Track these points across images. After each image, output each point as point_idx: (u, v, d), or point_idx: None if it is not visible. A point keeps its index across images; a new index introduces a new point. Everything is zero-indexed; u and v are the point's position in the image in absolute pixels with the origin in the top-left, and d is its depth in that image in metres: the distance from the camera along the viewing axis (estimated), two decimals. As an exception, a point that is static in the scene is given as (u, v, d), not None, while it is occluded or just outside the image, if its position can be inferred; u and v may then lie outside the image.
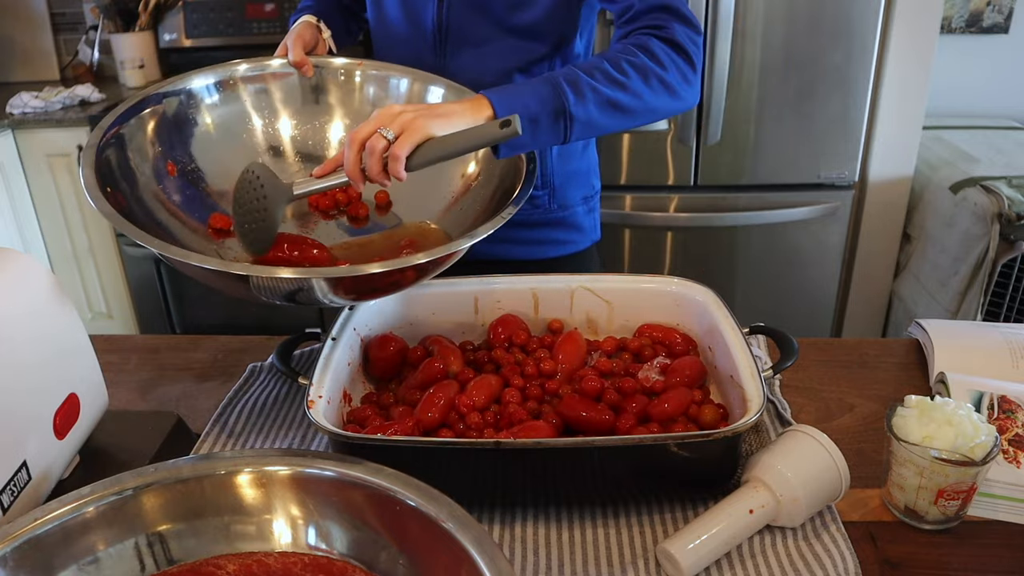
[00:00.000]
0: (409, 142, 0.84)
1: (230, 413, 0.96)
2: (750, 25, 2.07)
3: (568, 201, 1.24)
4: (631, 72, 0.95)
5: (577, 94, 0.92)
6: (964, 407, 0.76)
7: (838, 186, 2.24)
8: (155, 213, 0.96)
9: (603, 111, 0.94)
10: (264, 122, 1.12)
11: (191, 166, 1.04)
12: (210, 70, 1.09)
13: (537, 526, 0.78)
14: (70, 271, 2.55)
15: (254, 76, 1.12)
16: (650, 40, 0.97)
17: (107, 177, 0.90)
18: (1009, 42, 2.58)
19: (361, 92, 1.15)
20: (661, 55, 0.97)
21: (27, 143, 2.41)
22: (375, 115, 0.87)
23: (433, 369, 0.90)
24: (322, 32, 1.17)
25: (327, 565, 0.62)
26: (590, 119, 0.93)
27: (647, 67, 0.96)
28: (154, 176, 0.99)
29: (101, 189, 0.86)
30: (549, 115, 0.91)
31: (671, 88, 0.97)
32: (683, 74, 0.98)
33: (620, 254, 2.36)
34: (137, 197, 0.95)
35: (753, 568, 0.72)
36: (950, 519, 0.76)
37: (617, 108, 0.95)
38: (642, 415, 0.83)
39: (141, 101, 1.01)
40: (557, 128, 0.92)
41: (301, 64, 1.12)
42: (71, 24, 2.89)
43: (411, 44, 1.15)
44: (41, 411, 0.73)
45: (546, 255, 1.25)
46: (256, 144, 1.11)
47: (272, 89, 1.13)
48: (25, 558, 0.58)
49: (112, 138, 0.95)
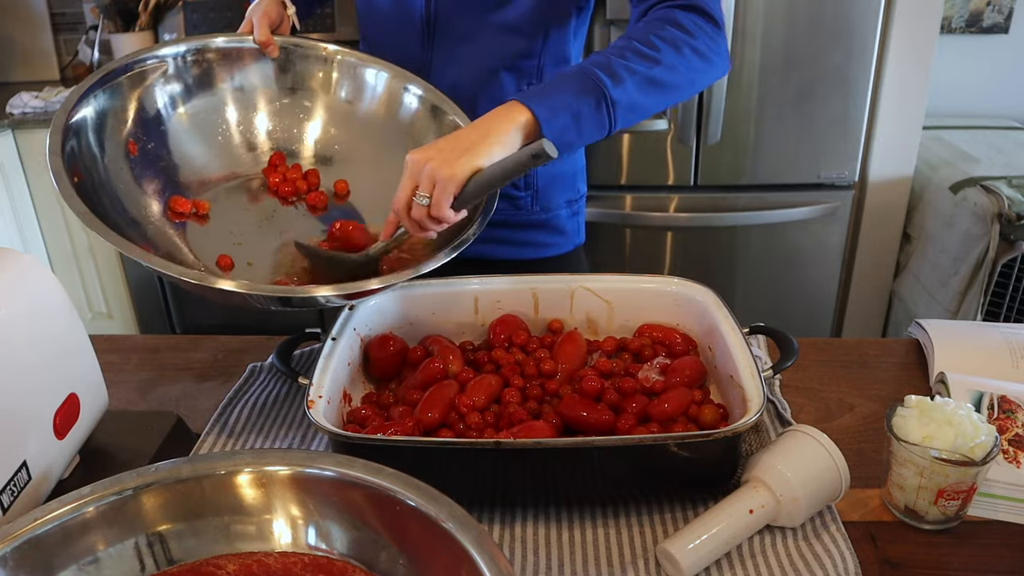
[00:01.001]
0: (445, 199, 0.84)
1: (230, 413, 0.96)
2: (750, 25, 2.06)
3: (551, 204, 1.23)
4: (662, 46, 0.92)
5: (613, 78, 0.90)
6: (964, 407, 0.76)
7: (838, 186, 2.24)
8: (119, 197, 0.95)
9: (642, 90, 0.91)
10: (236, 106, 1.12)
11: (152, 145, 1.03)
12: (182, 41, 1.07)
13: (537, 526, 0.78)
14: (70, 271, 2.55)
15: (225, 50, 1.10)
16: (673, 11, 0.96)
17: (71, 161, 0.90)
18: (1009, 42, 2.58)
19: (337, 84, 1.15)
20: (687, 23, 0.95)
21: (27, 143, 2.40)
22: (405, 173, 0.86)
23: (433, 369, 0.90)
24: (287, 7, 1.15)
25: (327, 565, 0.62)
26: (632, 101, 0.91)
27: (677, 38, 0.93)
28: (122, 157, 0.99)
29: (68, 174, 0.85)
30: (590, 106, 0.89)
31: (703, 55, 0.95)
32: (712, 38, 0.96)
33: (620, 254, 2.36)
34: (99, 180, 0.94)
35: (753, 568, 0.72)
36: (950, 519, 0.76)
37: (655, 84, 0.92)
38: (642, 415, 0.83)
39: (102, 77, 0.99)
40: (600, 117, 0.90)
41: (267, 43, 1.10)
42: (71, 24, 2.89)
43: (399, 34, 1.14)
44: (41, 411, 0.72)
45: (527, 256, 1.25)
46: (229, 130, 1.11)
47: (244, 69, 1.12)
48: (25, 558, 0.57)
49: (76, 116, 0.94)
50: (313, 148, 1.14)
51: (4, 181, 2.38)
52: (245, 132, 1.12)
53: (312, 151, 1.14)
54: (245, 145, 1.12)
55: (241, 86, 1.12)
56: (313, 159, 1.13)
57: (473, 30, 1.10)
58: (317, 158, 1.13)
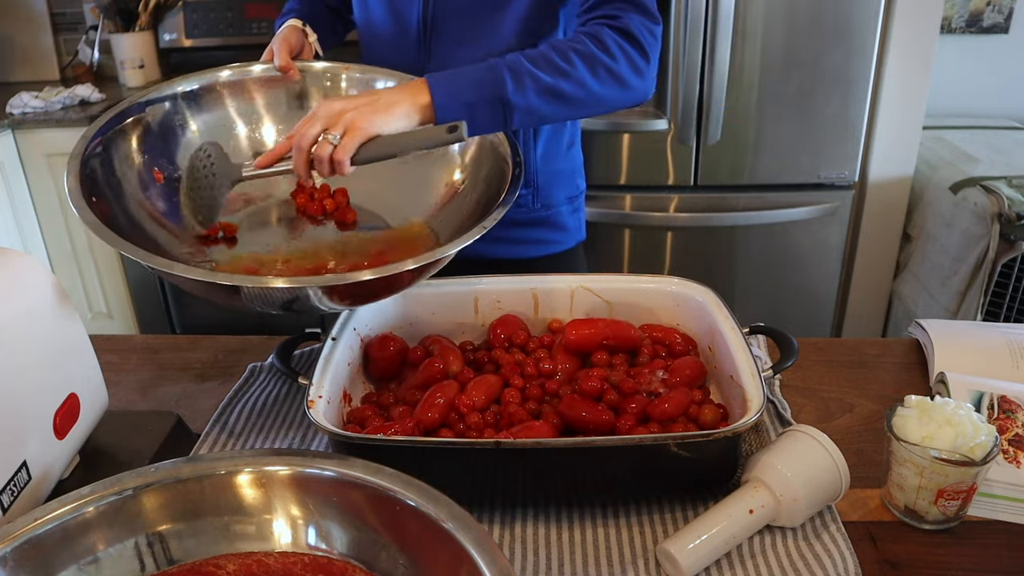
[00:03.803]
0: (353, 145, 0.87)
1: (230, 413, 0.96)
2: (750, 25, 2.06)
3: (552, 201, 1.24)
4: (576, 61, 0.95)
5: (516, 82, 0.92)
6: (964, 407, 0.76)
7: (838, 186, 2.24)
8: (141, 222, 0.96)
9: (544, 99, 0.94)
10: (249, 129, 1.13)
11: (177, 174, 1.04)
12: (194, 76, 1.10)
13: (537, 526, 0.78)
14: (70, 271, 2.55)
15: (238, 82, 1.12)
16: (602, 29, 0.97)
17: (92, 187, 0.91)
18: (1009, 42, 2.58)
19: (345, 95, 1.16)
20: (611, 45, 0.96)
21: (27, 143, 2.40)
22: (319, 112, 0.89)
23: (433, 369, 0.90)
24: (308, 36, 1.17)
25: (327, 565, 0.62)
26: (530, 107, 0.94)
27: (594, 56, 0.96)
28: (139, 185, 1.00)
29: (86, 199, 0.87)
30: (487, 101, 0.92)
31: (619, 78, 0.97)
32: (634, 65, 0.98)
33: (620, 254, 2.36)
34: (123, 207, 0.96)
35: (753, 568, 0.72)
36: (950, 519, 0.76)
37: (559, 97, 0.95)
38: (642, 415, 0.83)
39: (124, 111, 1.02)
40: (496, 115, 0.93)
41: (287, 69, 1.13)
42: (71, 24, 2.88)
43: (396, 44, 1.16)
44: (41, 411, 0.72)
45: (530, 254, 1.25)
46: (241, 151, 1.12)
47: (257, 95, 1.13)
48: (25, 558, 0.57)
49: (97, 147, 0.96)
50: None
51: (4, 181, 2.38)
52: (256, 149, 1.12)
53: None
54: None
55: (253, 110, 1.13)
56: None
57: (466, 38, 1.11)
58: None
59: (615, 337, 0.93)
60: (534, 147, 1.18)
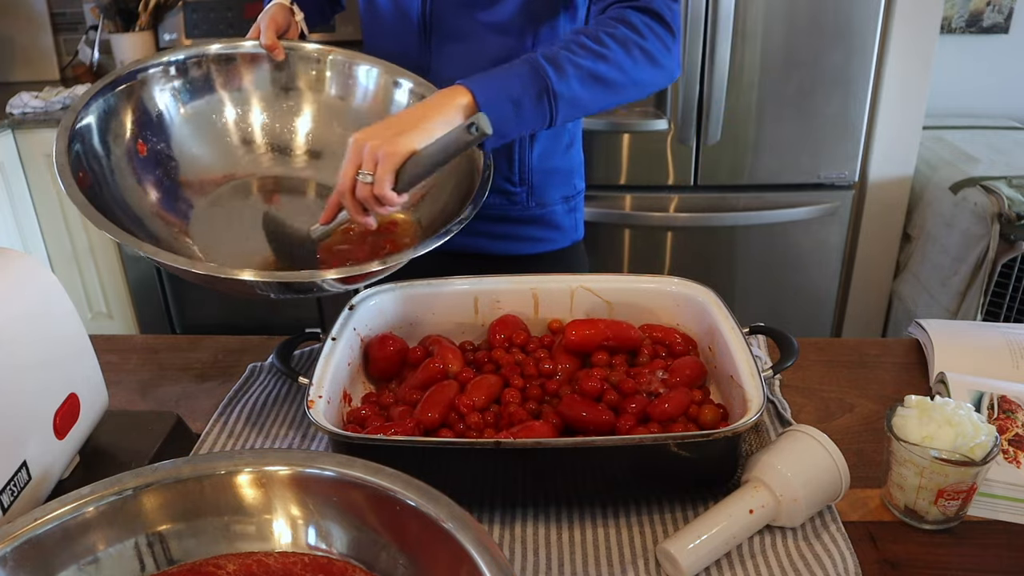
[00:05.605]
0: (387, 175, 0.85)
1: (230, 413, 0.96)
2: (750, 25, 2.07)
3: (547, 200, 1.24)
4: (611, 43, 0.93)
5: (558, 70, 0.91)
6: (964, 407, 0.76)
7: (838, 186, 2.24)
8: (132, 207, 0.98)
9: (586, 85, 0.93)
10: (234, 106, 1.14)
11: (160, 146, 1.06)
12: (181, 49, 1.10)
13: (537, 526, 0.78)
14: (70, 271, 2.55)
15: (225, 55, 1.13)
16: (626, 11, 0.97)
17: (78, 161, 0.92)
18: (1009, 42, 2.58)
19: (329, 81, 1.17)
20: (639, 24, 0.96)
21: (27, 143, 2.40)
22: (349, 152, 0.88)
23: (433, 369, 0.90)
24: (295, 15, 1.17)
25: (327, 565, 0.62)
26: (574, 95, 0.92)
27: (627, 37, 0.94)
28: (126, 157, 1.01)
29: (73, 174, 0.87)
30: (532, 96, 0.90)
31: (652, 57, 0.96)
32: (663, 42, 0.97)
33: (620, 254, 2.36)
34: (113, 194, 0.97)
35: (753, 568, 0.72)
36: (950, 519, 0.76)
37: (600, 81, 0.93)
38: (642, 415, 0.83)
39: (113, 81, 1.02)
40: (541, 108, 0.91)
41: (272, 47, 1.12)
42: (71, 24, 2.89)
43: (399, 36, 1.16)
44: (41, 411, 0.72)
45: (523, 251, 1.25)
46: (227, 129, 1.13)
47: (243, 72, 1.14)
48: (25, 558, 0.57)
49: (84, 120, 0.97)
50: (305, 144, 1.16)
51: (4, 181, 2.38)
52: (242, 130, 1.14)
53: (304, 147, 1.16)
54: (241, 142, 1.14)
55: (239, 87, 1.14)
56: (305, 154, 1.15)
57: (465, 30, 1.11)
58: (309, 153, 1.15)
59: (615, 337, 0.93)
60: (530, 146, 1.18)
